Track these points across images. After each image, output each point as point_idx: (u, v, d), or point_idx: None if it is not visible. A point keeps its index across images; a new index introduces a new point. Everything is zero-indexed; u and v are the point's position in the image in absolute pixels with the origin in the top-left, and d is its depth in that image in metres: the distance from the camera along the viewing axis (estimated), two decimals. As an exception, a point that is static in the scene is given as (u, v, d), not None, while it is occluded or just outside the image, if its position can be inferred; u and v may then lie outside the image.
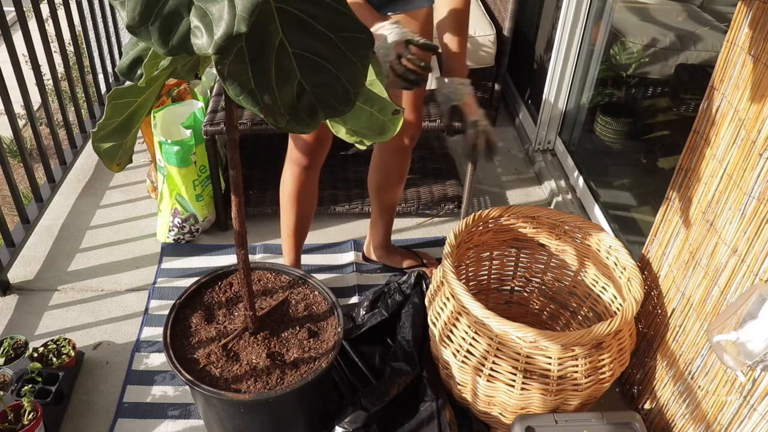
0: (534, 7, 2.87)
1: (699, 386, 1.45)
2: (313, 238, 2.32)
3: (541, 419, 1.56)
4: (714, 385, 1.39)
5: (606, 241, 1.68)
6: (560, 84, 2.62)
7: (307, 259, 2.22)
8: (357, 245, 2.27)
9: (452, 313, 1.54)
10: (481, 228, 1.76)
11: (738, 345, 1.16)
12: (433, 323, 1.61)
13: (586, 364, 1.45)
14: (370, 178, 2.00)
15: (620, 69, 2.50)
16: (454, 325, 1.53)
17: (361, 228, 2.36)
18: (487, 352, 1.47)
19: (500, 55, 2.81)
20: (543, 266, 1.87)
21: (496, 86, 2.89)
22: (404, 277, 1.86)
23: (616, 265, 1.66)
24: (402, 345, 1.71)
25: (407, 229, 2.37)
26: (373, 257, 2.19)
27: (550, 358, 1.44)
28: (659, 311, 1.62)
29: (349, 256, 2.23)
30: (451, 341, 1.54)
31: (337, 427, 1.54)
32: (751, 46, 1.27)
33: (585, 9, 2.43)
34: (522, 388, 1.47)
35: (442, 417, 1.58)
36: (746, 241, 1.28)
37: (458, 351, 1.52)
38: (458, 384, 1.59)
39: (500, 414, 1.58)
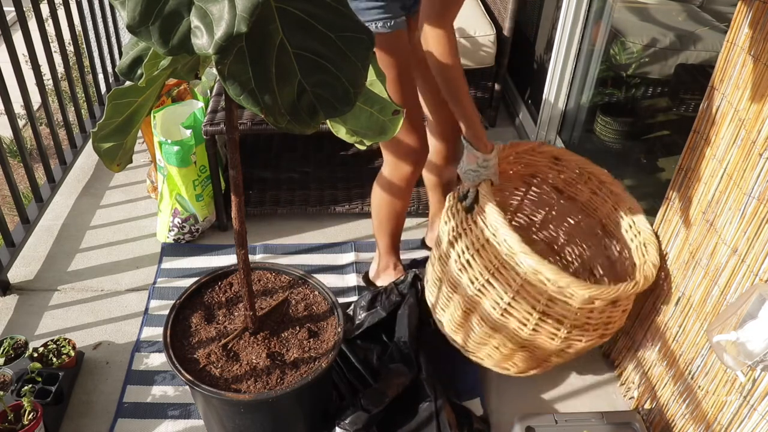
0: (534, 7, 2.87)
1: (699, 386, 1.45)
2: (313, 238, 2.32)
3: (541, 419, 1.56)
4: (714, 385, 1.39)
5: (626, 203, 1.68)
6: (560, 84, 2.62)
7: (307, 259, 2.22)
8: (357, 245, 2.27)
9: (478, 239, 1.50)
10: (512, 158, 1.74)
11: (738, 345, 1.16)
12: (451, 243, 1.56)
13: (599, 318, 1.45)
14: (426, 176, 2.02)
15: (620, 69, 2.50)
16: (478, 252, 1.49)
17: (361, 228, 2.36)
18: (509, 286, 1.44)
19: (500, 55, 2.81)
20: (555, 212, 1.85)
21: (496, 86, 2.89)
22: (400, 277, 1.86)
23: (630, 227, 1.66)
24: (399, 346, 1.71)
25: (407, 229, 2.37)
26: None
27: (570, 306, 1.43)
28: (659, 311, 1.62)
29: (349, 256, 2.23)
30: (471, 267, 1.50)
31: (337, 428, 1.54)
32: (751, 46, 1.27)
33: (585, 9, 2.43)
34: (533, 330, 1.45)
35: (441, 417, 1.58)
36: (746, 241, 1.28)
37: (476, 279, 1.49)
38: (460, 308, 1.57)
39: (497, 347, 1.56)
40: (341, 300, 1.94)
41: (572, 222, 1.81)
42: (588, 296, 1.40)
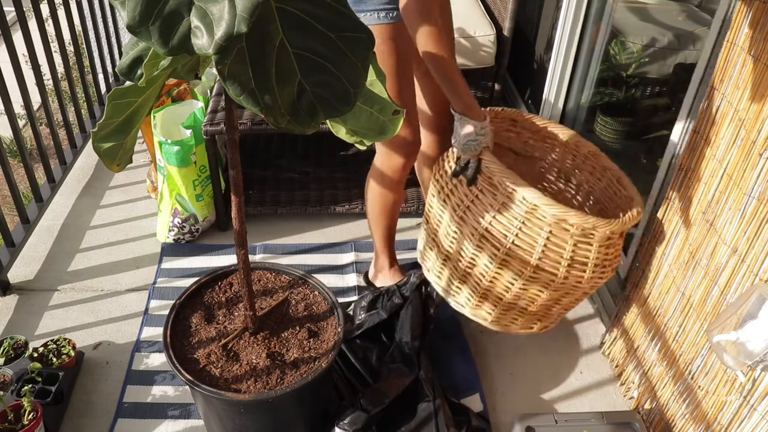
0: (534, 7, 2.87)
1: (699, 386, 1.45)
2: (313, 238, 2.32)
3: (541, 419, 1.57)
4: (714, 385, 1.39)
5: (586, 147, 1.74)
6: (560, 84, 2.62)
7: (307, 259, 2.22)
8: (357, 245, 2.27)
9: (492, 205, 1.49)
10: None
11: (738, 345, 1.16)
12: (461, 222, 1.54)
13: (612, 252, 1.49)
14: (423, 171, 2.03)
15: (620, 69, 2.50)
16: (495, 218, 1.48)
17: (361, 228, 2.36)
18: (535, 241, 1.45)
19: (500, 55, 2.80)
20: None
21: (496, 86, 2.89)
22: (403, 280, 1.85)
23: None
24: (401, 347, 1.71)
25: (407, 229, 2.37)
26: None
27: (591, 245, 1.44)
28: (659, 311, 1.62)
29: (349, 257, 2.23)
30: (488, 241, 1.49)
31: (336, 428, 1.54)
32: (751, 46, 1.27)
33: (585, 9, 2.43)
34: (564, 277, 1.46)
35: (440, 417, 1.58)
36: (746, 241, 1.28)
37: (500, 246, 1.48)
38: (480, 285, 1.56)
39: (524, 309, 1.57)
40: (341, 300, 1.95)
41: (531, 179, 1.85)
42: (609, 232, 1.43)
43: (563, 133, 1.76)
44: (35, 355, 1.72)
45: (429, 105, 1.84)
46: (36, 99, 2.29)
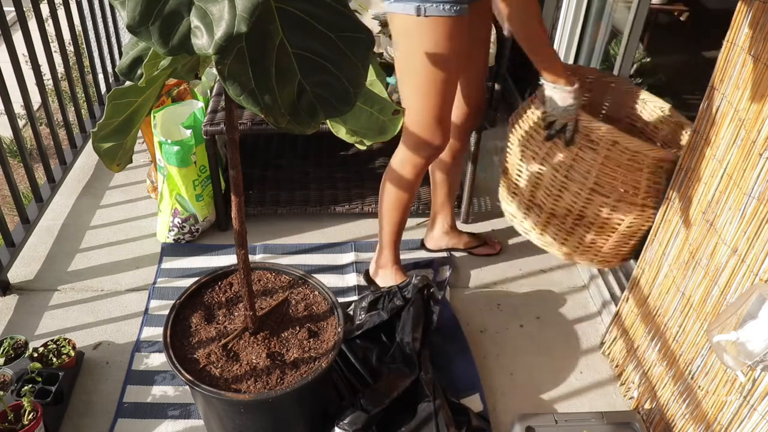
0: (534, 7, 2.87)
1: (699, 386, 1.45)
2: (313, 238, 2.32)
3: (541, 419, 1.57)
4: (714, 385, 1.39)
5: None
6: (560, 84, 2.61)
7: (307, 259, 2.22)
8: (357, 245, 2.27)
9: (595, 160, 1.60)
10: None
11: (738, 345, 1.17)
12: (565, 180, 1.66)
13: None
14: (437, 173, 2.06)
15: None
16: (601, 170, 1.60)
17: (361, 228, 2.36)
18: (639, 182, 1.59)
19: (500, 54, 2.80)
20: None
21: (496, 86, 2.89)
22: (405, 282, 1.85)
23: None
24: (402, 347, 1.71)
25: (407, 229, 2.36)
26: (442, 245, 2.24)
27: (662, 176, 1.60)
28: (659, 311, 1.62)
29: (349, 256, 2.23)
30: (602, 187, 1.61)
31: (336, 428, 1.54)
32: (751, 46, 1.27)
33: (585, 9, 2.44)
34: (654, 207, 1.63)
35: (440, 417, 1.58)
36: (746, 241, 1.28)
37: (610, 194, 1.60)
38: (588, 232, 1.69)
39: (627, 242, 1.70)
40: (341, 300, 1.95)
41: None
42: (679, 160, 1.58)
43: (602, 76, 1.96)
44: (35, 355, 1.72)
45: (466, 101, 1.93)
46: (36, 99, 2.29)
